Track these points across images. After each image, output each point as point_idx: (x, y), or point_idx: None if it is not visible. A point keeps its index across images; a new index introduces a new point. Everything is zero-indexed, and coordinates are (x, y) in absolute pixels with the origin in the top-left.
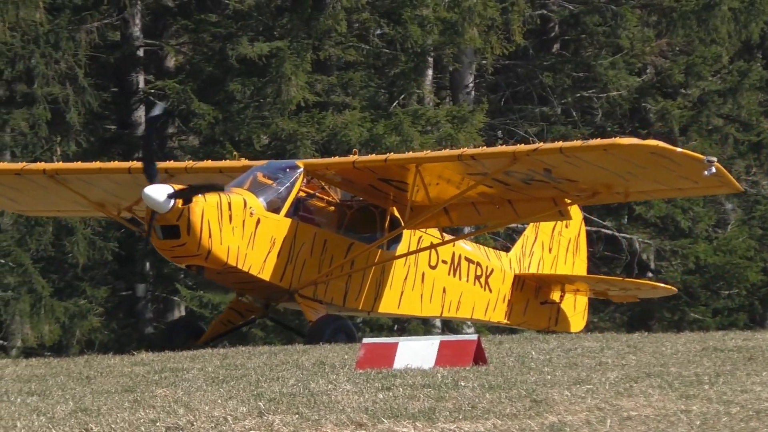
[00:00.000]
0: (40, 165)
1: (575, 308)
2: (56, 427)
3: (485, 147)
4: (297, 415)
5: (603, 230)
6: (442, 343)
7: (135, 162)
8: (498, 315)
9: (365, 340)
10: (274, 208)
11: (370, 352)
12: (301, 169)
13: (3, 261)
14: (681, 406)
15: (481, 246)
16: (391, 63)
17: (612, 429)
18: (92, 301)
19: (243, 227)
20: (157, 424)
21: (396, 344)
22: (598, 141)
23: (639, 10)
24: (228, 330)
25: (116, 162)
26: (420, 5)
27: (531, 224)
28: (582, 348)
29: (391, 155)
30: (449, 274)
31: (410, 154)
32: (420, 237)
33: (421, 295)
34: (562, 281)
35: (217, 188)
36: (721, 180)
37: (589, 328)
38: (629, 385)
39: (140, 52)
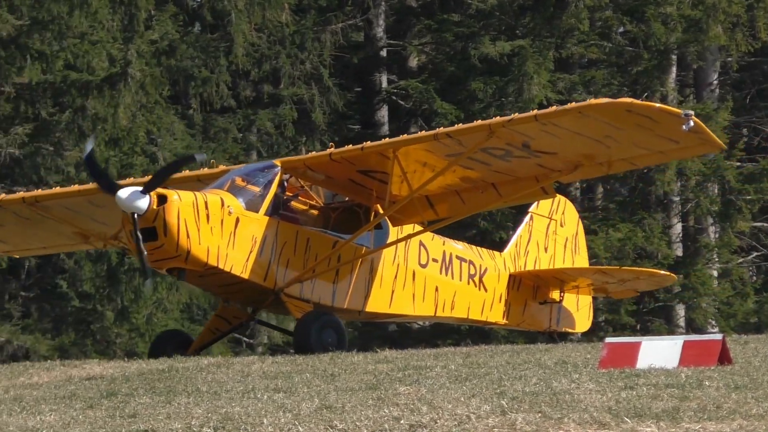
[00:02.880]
0: (19, 194)
1: (578, 307)
2: (302, 423)
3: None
4: (539, 414)
5: None
6: (685, 342)
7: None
8: (495, 315)
9: (608, 340)
10: (253, 206)
11: (612, 351)
12: (279, 168)
13: None
14: None
15: (473, 246)
16: (634, 61)
17: None
18: None
19: (222, 226)
20: (401, 421)
21: (639, 344)
22: (572, 104)
23: None
24: (216, 338)
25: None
26: (663, 3)
27: (525, 224)
28: None
29: (368, 143)
30: (441, 273)
31: (386, 140)
32: (407, 235)
33: (413, 294)
34: (557, 276)
35: (188, 159)
36: (701, 137)
37: None
38: None
39: (383, 53)
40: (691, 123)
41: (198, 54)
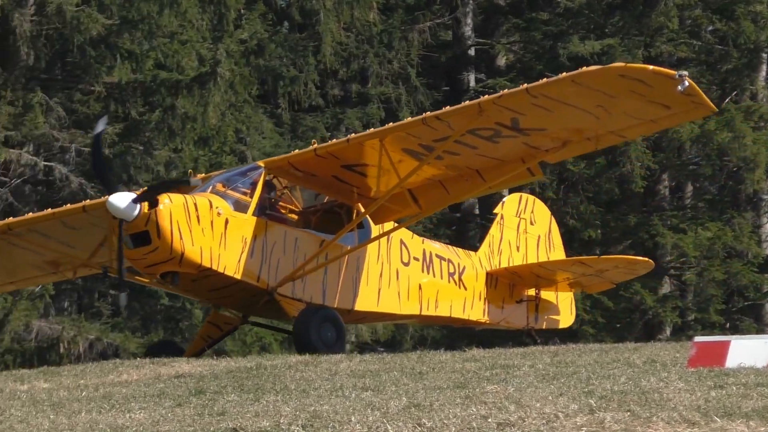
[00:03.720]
0: None
1: (558, 302)
2: (390, 422)
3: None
4: (628, 413)
5: None
6: None
7: (87, 201)
8: (476, 313)
9: (696, 339)
10: (240, 208)
11: (701, 350)
12: (262, 169)
13: None
14: None
15: (449, 246)
16: (724, 59)
17: None
18: None
19: (212, 227)
20: (489, 420)
21: (728, 343)
22: (564, 74)
23: None
24: (207, 345)
25: (69, 205)
26: (753, 1)
27: (495, 222)
28: None
29: (353, 135)
30: (423, 272)
31: (372, 130)
32: (390, 234)
33: (398, 293)
34: (535, 271)
35: (181, 182)
36: (693, 100)
37: None
38: None
39: (471, 51)
40: (686, 83)
41: (286, 53)
